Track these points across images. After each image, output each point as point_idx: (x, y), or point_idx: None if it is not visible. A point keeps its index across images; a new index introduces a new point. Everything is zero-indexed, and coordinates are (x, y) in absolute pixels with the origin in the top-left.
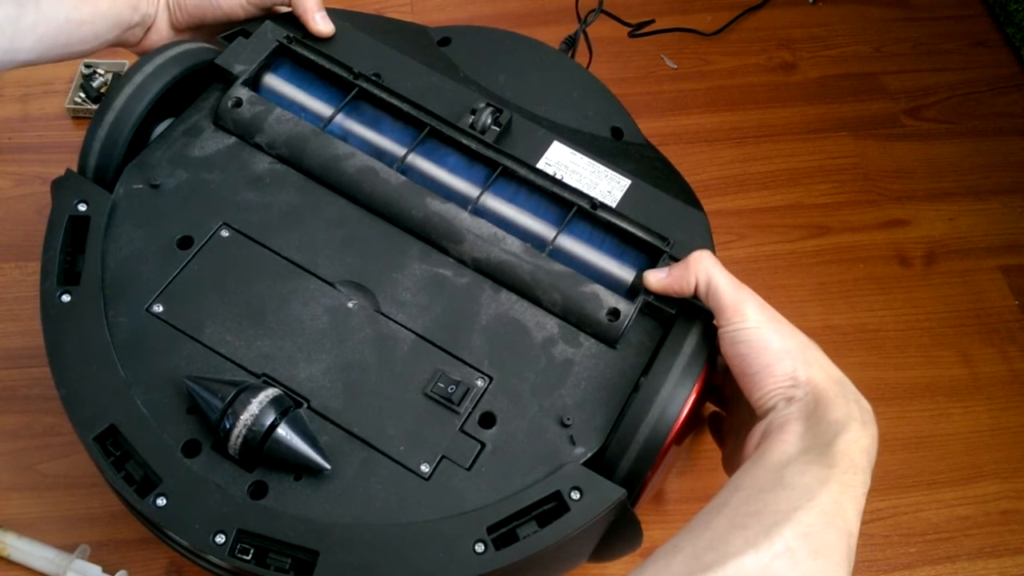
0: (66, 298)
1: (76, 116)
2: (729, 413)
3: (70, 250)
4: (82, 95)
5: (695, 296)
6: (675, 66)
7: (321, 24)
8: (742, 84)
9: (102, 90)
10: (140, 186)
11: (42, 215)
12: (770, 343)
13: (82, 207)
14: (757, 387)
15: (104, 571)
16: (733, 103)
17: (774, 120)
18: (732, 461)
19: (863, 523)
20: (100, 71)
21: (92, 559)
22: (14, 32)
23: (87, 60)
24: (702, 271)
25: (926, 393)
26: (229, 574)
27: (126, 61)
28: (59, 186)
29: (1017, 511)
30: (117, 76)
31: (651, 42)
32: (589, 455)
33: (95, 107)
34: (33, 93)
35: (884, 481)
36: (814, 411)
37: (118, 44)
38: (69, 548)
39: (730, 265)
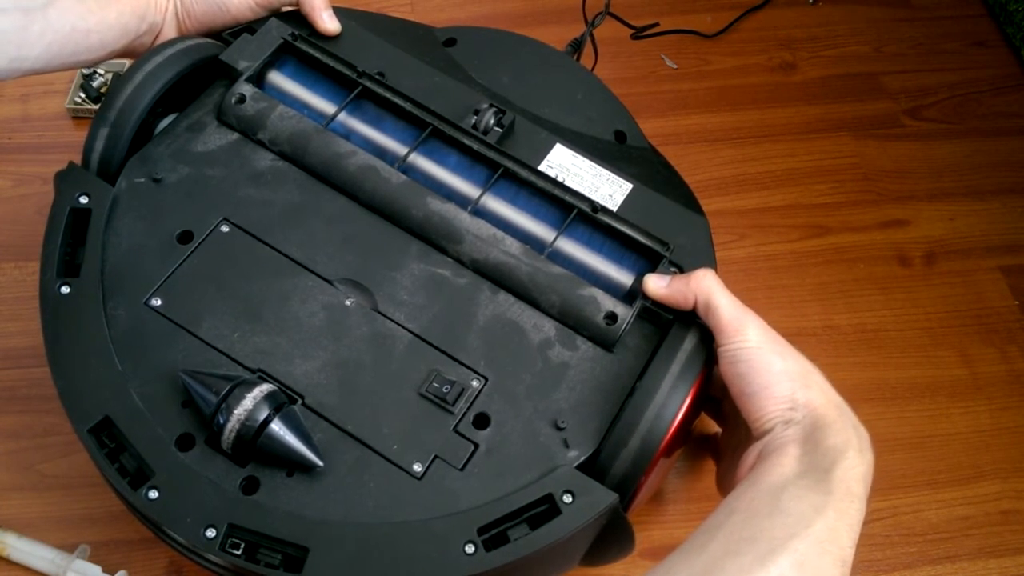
0: (65, 290)
1: (76, 116)
2: (726, 430)
3: (71, 242)
4: (82, 95)
5: (694, 311)
6: (675, 66)
7: (328, 22)
8: (742, 84)
9: (102, 90)
10: (142, 180)
11: (42, 215)
12: (771, 364)
13: (84, 200)
14: (755, 408)
15: (104, 571)
16: (733, 103)
17: (774, 120)
18: (726, 479)
19: (863, 524)
20: (100, 71)
21: (92, 559)
22: (21, 41)
23: None
24: (703, 290)
25: (926, 393)
26: (230, 574)
27: (126, 61)
28: (62, 178)
29: (1017, 511)
30: (117, 76)
31: (651, 42)
32: (583, 459)
33: (95, 107)
34: (33, 93)
35: (884, 481)
36: (811, 435)
37: (127, 54)
38: (69, 548)
39: (730, 265)
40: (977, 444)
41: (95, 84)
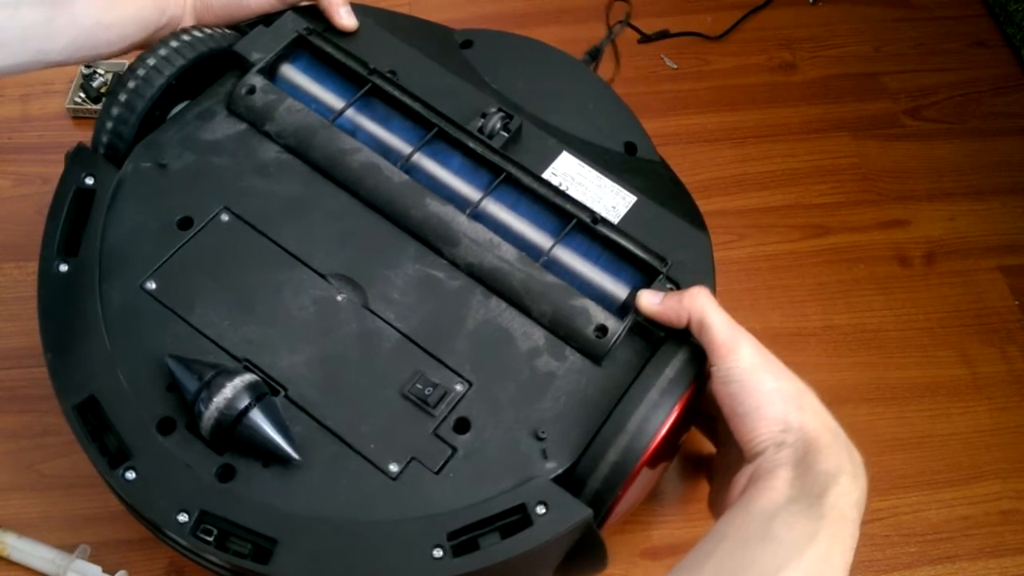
0: (63, 268)
1: (76, 116)
2: (720, 451)
3: (73, 222)
4: (82, 95)
5: (687, 329)
6: (675, 66)
7: (345, 18)
8: (742, 84)
9: (102, 90)
10: (148, 164)
11: (42, 215)
12: (763, 384)
13: (89, 180)
14: (747, 429)
15: (104, 571)
16: (733, 103)
17: (774, 120)
18: (718, 500)
19: (863, 523)
20: (100, 71)
21: (92, 559)
22: (47, 34)
23: None
24: (696, 308)
25: (926, 393)
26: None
27: (126, 61)
28: (70, 159)
29: (1017, 511)
30: (117, 76)
31: (652, 43)
32: (560, 471)
33: (95, 107)
34: (33, 93)
35: (884, 481)
36: (804, 458)
37: (146, 47)
38: (69, 548)
39: (730, 265)
40: (977, 444)
41: (95, 84)
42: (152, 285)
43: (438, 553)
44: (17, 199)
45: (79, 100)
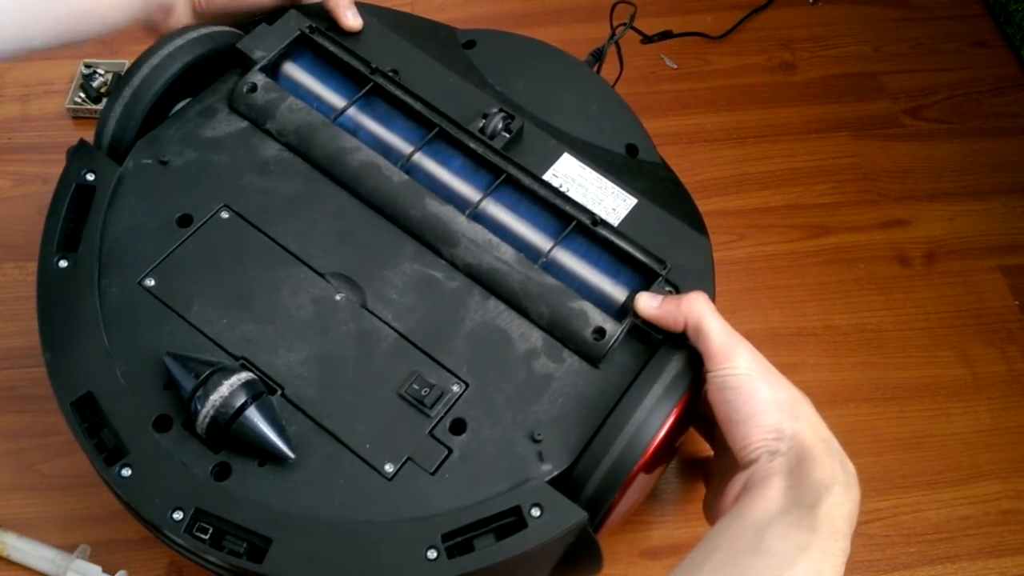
0: (63, 264)
1: (76, 116)
2: (717, 455)
3: (73, 218)
4: (82, 95)
5: (684, 334)
6: (675, 66)
7: (352, 20)
8: (742, 84)
9: (102, 90)
10: (149, 161)
11: (42, 215)
12: (758, 392)
13: (90, 177)
14: (741, 436)
15: (104, 571)
16: (733, 103)
17: (774, 120)
18: (712, 506)
19: (863, 523)
20: (100, 71)
21: (92, 559)
22: (27, 20)
23: (87, 60)
24: (694, 313)
25: (926, 393)
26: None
27: (126, 61)
28: (71, 155)
29: (1017, 511)
30: (117, 76)
31: (654, 43)
32: (556, 473)
33: (95, 107)
34: (33, 93)
35: (884, 481)
36: (797, 467)
37: (142, 24)
38: (69, 548)
39: (730, 265)
40: (977, 444)
41: (95, 84)
42: (151, 282)
43: (432, 554)
44: (17, 199)
45: (79, 100)
